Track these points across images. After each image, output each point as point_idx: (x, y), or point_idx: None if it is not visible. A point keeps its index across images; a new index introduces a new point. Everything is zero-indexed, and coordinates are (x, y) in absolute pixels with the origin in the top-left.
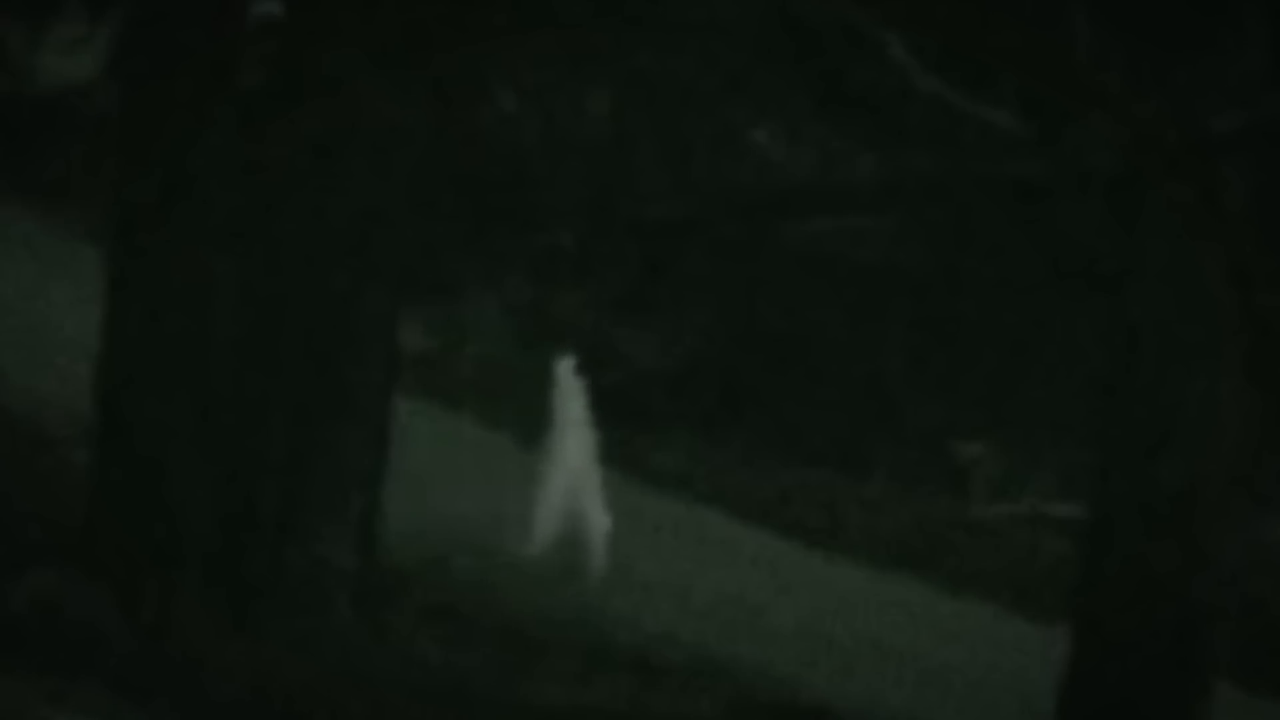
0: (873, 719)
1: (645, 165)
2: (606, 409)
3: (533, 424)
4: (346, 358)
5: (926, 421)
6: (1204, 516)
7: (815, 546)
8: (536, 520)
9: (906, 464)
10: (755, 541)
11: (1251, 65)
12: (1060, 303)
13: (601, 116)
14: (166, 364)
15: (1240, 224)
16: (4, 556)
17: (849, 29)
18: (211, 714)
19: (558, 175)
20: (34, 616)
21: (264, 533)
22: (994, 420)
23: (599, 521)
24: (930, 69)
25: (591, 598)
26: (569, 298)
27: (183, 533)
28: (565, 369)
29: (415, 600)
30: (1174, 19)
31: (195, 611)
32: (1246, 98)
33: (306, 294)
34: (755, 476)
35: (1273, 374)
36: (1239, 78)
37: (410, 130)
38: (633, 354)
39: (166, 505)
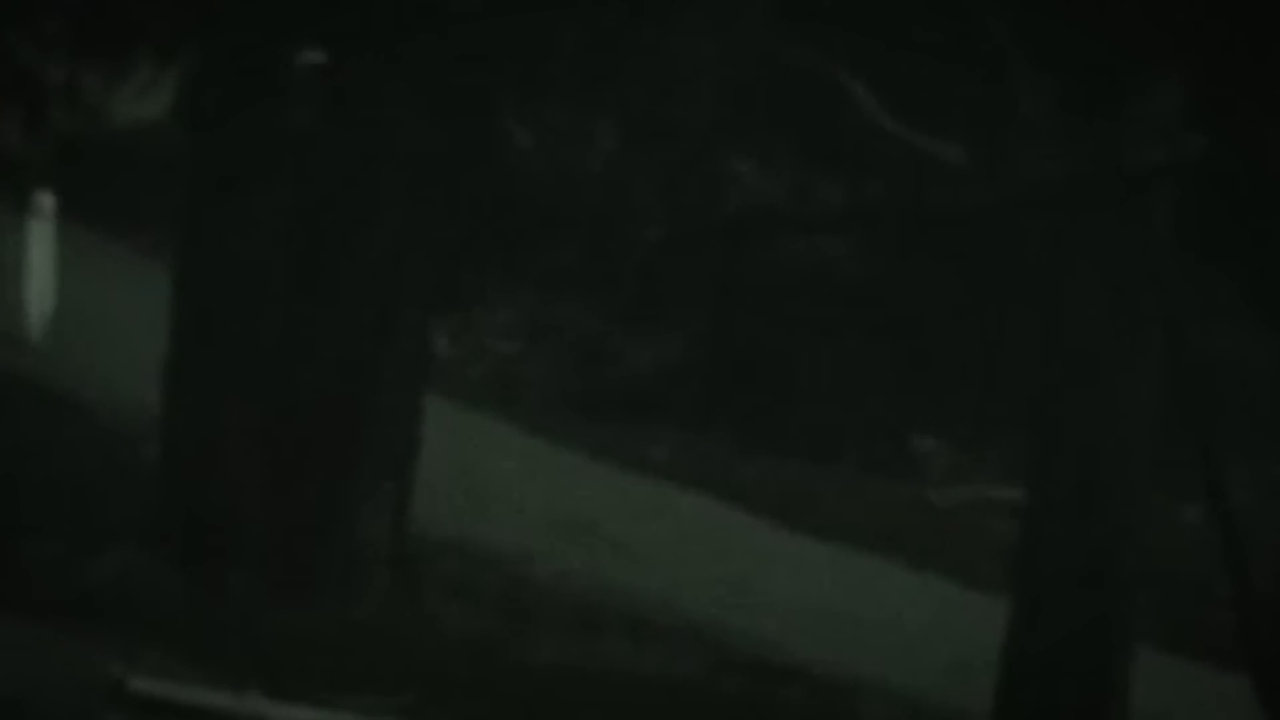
0: (841, 679)
1: (642, 193)
2: (606, 406)
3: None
4: (385, 362)
5: (888, 417)
6: (1127, 503)
7: (791, 526)
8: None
9: (870, 454)
10: (738, 522)
11: (1170, 106)
12: (1002, 314)
13: (604, 150)
14: (223, 367)
15: (1161, 249)
16: (88, 536)
17: (821, 75)
18: (264, 672)
19: (565, 201)
20: (112, 588)
21: (311, 513)
22: (946, 416)
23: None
24: (889, 109)
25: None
26: (573, 307)
27: (239, 515)
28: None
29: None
30: (1104, 66)
31: (251, 582)
32: (1166, 135)
33: (352, 307)
34: (738, 465)
35: (1185, 381)
36: (1160, 117)
37: (439, 164)
38: (629, 356)
39: (223, 491)
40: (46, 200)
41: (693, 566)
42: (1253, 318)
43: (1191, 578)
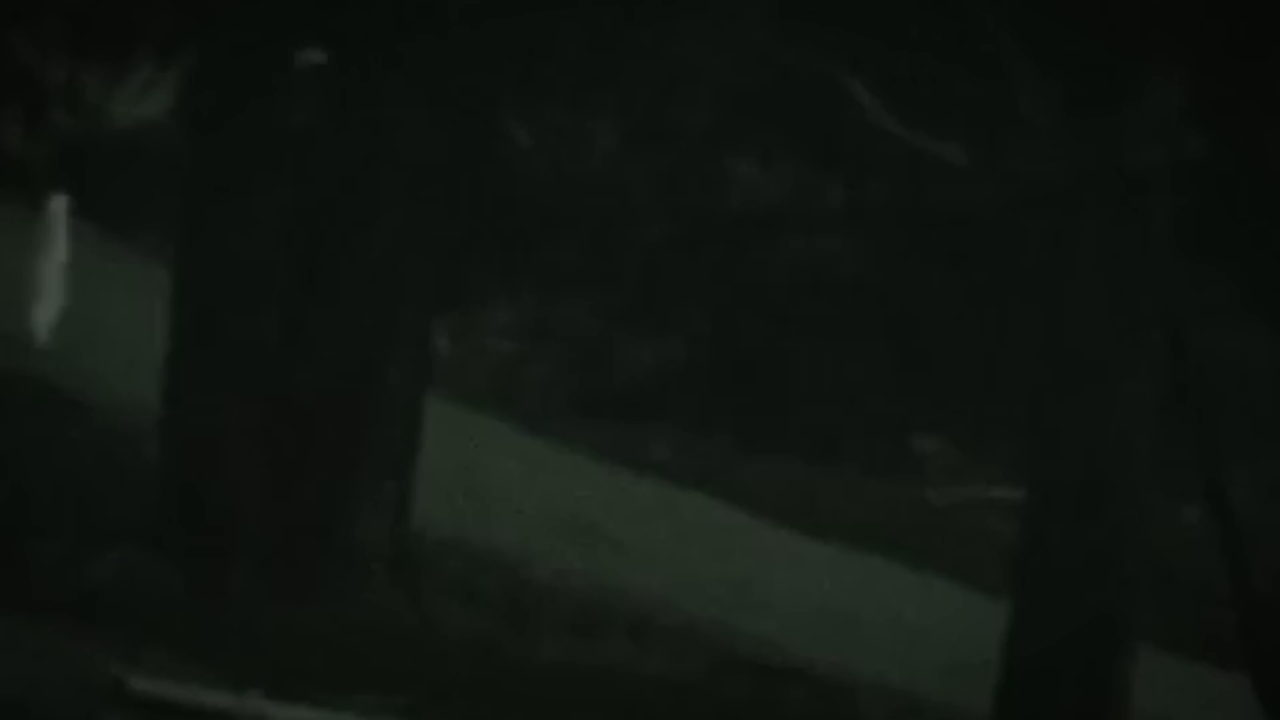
0: (841, 679)
1: (642, 193)
2: (606, 406)
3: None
4: (385, 362)
5: (889, 418)
6: (1127, 503)
7: (792, 526)
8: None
9: (870, 454)
10: (738, 522)
11: (1170, 106)
12: (1002, 314)
13: (604, 150)
14: (224, 367)
15: (1161, 249)
16: (88, 536)
17: (820, 75)
18: (264, 672)
19: (565, 201)
20: (113, 588)
21: (311, 513)
22: (946, 416)
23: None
24: (889, 109)
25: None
26: (574, 307)
27: (239, 515)
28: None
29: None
30: (1104, 66)
31: (252, 582)
32: (1166, 135)
33: (352, 307)
34: (738, 465)
35: (1185, 381)
36: (1160, 117)
37: (439, 165)
38: (629, 356)
39: (223, 491)
40: (48, 200)
41: (693, 566)
42: (1253, 318)
43: (1191, 578)
